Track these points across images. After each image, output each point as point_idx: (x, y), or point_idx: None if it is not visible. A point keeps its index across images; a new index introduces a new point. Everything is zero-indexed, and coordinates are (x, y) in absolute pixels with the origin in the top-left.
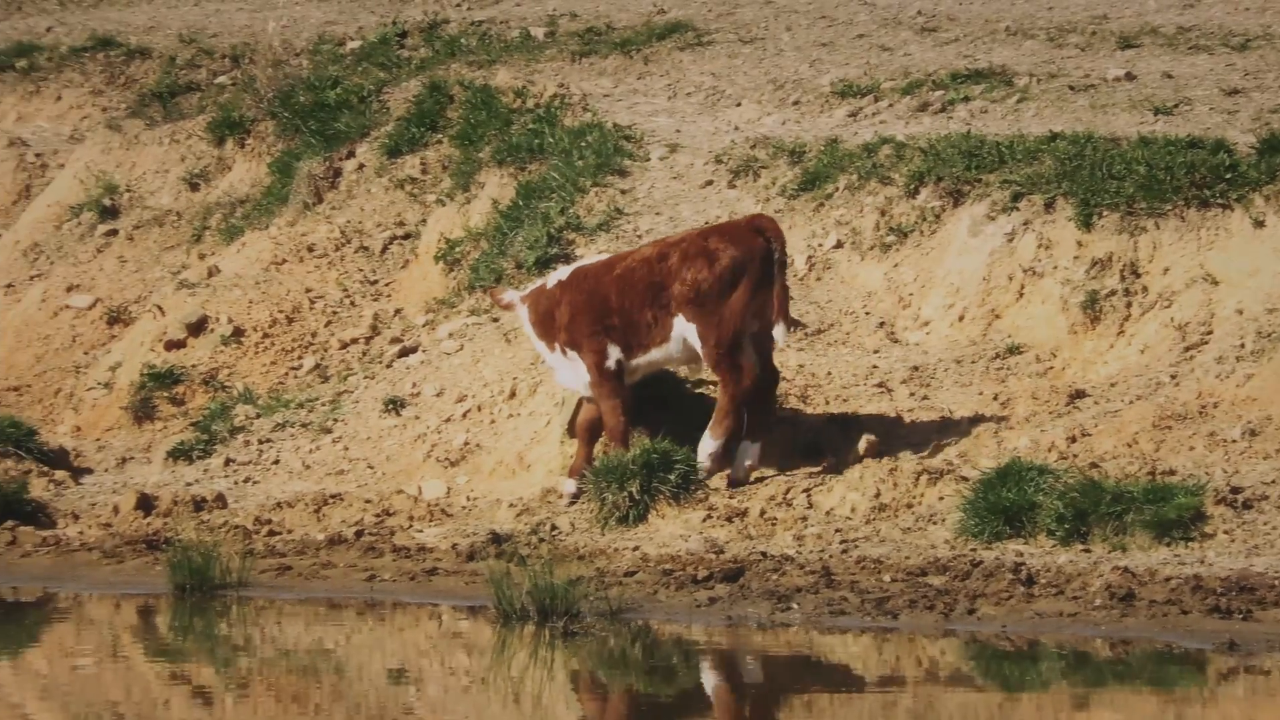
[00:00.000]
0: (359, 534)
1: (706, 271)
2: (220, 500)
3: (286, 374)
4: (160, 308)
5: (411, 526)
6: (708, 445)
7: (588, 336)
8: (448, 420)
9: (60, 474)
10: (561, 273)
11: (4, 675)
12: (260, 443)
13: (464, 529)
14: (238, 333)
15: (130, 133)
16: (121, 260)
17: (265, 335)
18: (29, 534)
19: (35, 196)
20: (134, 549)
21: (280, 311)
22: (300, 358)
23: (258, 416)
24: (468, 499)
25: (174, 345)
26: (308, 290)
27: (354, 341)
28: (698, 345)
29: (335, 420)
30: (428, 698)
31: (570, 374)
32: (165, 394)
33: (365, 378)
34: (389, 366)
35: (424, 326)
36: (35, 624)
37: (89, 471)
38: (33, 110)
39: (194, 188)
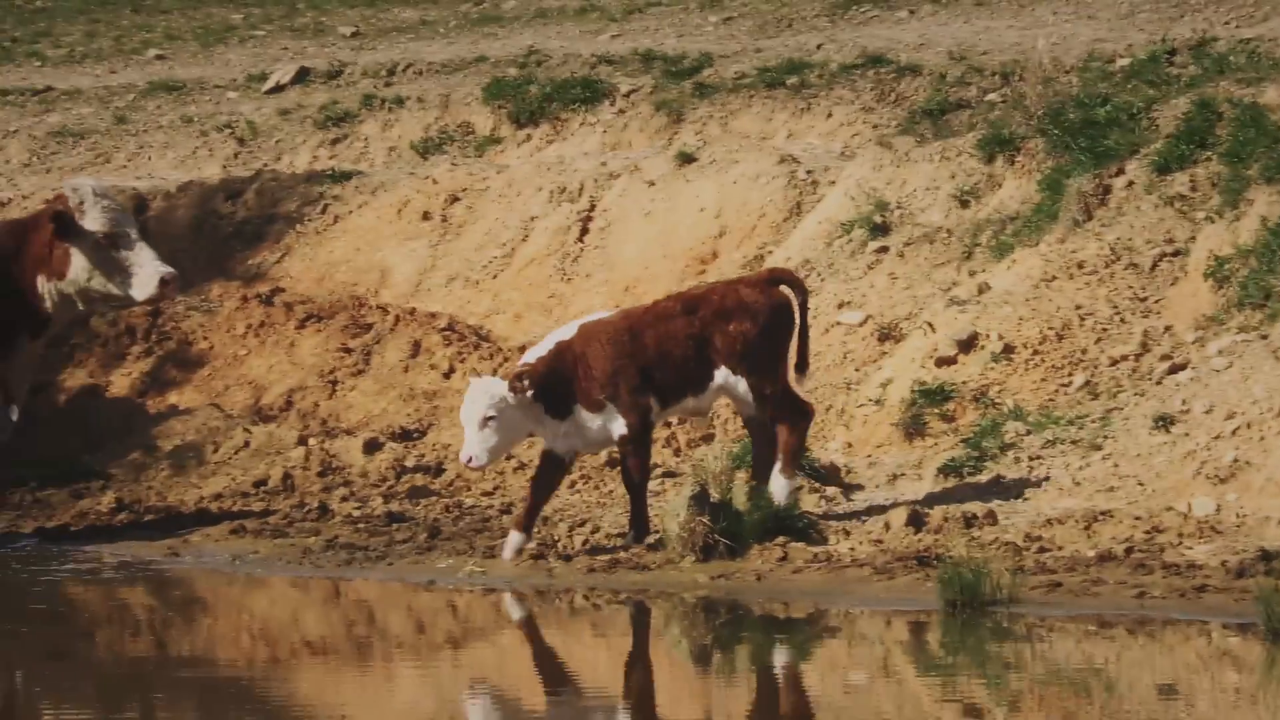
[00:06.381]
0: (1129, 551)
1: (750, 324)
2: (990, 517)
3: (1056, 391)
4: (930, 324)
5: (1181, 544)
6: (786, 486)
7: (630, 390)
8: (1217, 437)
9: (831, 490)
10: (564, 331)
11: (771, 690)
12: (1030, 459)
13: (1233, 546)
14: (1008, 349)
15: (900, 150)
16: (892, 277)
17: (1035, 352)
18: (800, 550)
19: (805, 213)
20: (905, 565)
21: (1050, 328)
22: (1070, 374)
23: (1028, 433)
24: (1237, 516)
25: (944, 362)
26: (1077, 307)
27: (1123, 359)
28: (747, 397)
29: (1104, 437)
30: (1198, 715)
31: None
32: (935, 410)
33: (1135, 395)
34: (1158, 383)
35: (1193, 343)
36: (807, 640)
37: (859, 488)
38: (803, 127)
39: (964, 205)
